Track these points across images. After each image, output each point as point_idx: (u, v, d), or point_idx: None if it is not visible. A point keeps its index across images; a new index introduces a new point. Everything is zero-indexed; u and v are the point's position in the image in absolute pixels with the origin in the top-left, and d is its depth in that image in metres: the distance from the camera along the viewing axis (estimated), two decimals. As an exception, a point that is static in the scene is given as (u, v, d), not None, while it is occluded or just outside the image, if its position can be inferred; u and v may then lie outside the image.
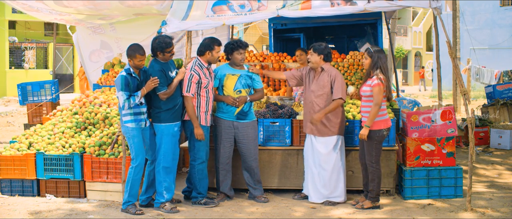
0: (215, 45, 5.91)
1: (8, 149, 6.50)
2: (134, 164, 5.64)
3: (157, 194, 5.81)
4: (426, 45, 41.79)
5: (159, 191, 5.77)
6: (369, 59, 5.73)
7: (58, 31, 17.76)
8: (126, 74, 5.54)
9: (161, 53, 5.72)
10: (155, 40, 5.76)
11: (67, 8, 9.07)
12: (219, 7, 6.66)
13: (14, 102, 20.31)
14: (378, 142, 5.71)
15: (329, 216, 5.63)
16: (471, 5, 26.68)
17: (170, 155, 5.73)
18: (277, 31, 10.98)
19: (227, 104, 5.99)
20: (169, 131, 5.72)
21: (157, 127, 5.75)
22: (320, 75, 5.97)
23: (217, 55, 5.96)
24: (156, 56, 5.77)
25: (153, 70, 5.68)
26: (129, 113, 5.59)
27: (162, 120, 5.71)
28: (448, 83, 20.31)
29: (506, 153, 9.28)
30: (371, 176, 5.76)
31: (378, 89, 5.57)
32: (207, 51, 5.90)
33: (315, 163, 6.02)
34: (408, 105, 7.86)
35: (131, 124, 5.59)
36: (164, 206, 5.73)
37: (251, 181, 6.19)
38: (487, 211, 5.66)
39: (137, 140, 5.61)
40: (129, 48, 5.64)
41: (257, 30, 32.30)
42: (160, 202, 5.78)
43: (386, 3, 6.23)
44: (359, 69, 8.62)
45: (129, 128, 5.59)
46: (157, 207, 5.80)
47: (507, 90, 12.47)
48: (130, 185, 5.65)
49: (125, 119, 5.60)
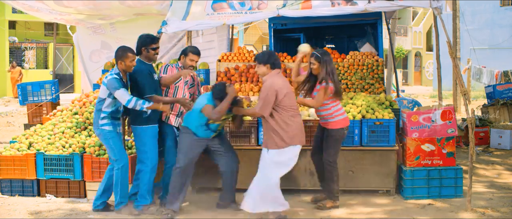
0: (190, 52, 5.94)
1: (8, 149, 6.50)
2: (120, 165, 5.55)
3: (140, 197, 5.71)
4: (426, 45, 41.76)
5: (143, 193, 5.67)
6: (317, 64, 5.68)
7: (58, 31, 17.74)
8: (117, 76, 5.44)
9: (146, 49, 5.64)
10: (141, 36, 5.71)
11: (67, 8, 9.07)
12: (219, 4, 6.66)
13: (14, 102, 20.32)
14: (337, 140, 5.72)
15: (329, 216, 5.63)
16: (471, 5, 26.66)
17: (154, 157, 5.69)
18: (277, 31, 10.97)
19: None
20: (150, 133, 5.65)
21: (137, 130, 5.65)
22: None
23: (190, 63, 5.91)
24: (140, 54, 5.67)
25: (141, 71, 5.59)
26: (107, 117, 5.51)
27: (141, 122, 5.62)
28: (448, 83, 20.27)
29: (506, 153, 9.28)
30: (329, 174, 5.76)
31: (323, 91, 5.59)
32: (181, 55, 5.97)
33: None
34: (408, 105, 7.85)
35: (108, 127, 5.52)
36: (149, 208, 5.71)
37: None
38: (487, 211, 5.66)
39: (116, 140, 5.54)
40: (119, 50, 5.54)
41: (257, 30, 32.30)
42: (142, 204, 5.68)
43: (386, 3, 6.23)
44: (359, 69, 8.61)
45: (106, 130, 5.51)
46: (140, 210, 5.67)
47: (507, 90, 12.47)
48: (120, 186, 5.59)
49: (102, 122, 5.51)
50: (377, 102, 6.77)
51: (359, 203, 6.07)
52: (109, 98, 5.50)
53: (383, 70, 8.72)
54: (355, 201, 6.11)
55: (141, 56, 5.70)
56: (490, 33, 26.61)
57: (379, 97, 6.94)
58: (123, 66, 5.51)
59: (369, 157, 6.33)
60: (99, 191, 5.76)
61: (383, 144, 6.30)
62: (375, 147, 6.31)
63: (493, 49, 25.97)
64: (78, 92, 23.85)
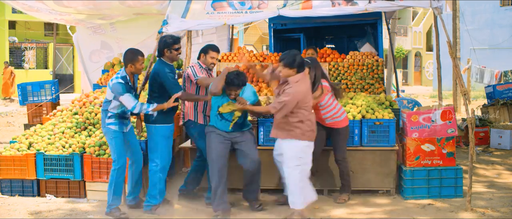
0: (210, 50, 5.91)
1: (8, 149, 6.50)
2: (117, 166, 5.53)
3: (149, 196, 5.70)
4: (426, 45, 41.76)
5: (153, 193, 5.67)
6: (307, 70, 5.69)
7: (58, 31, 17.76)
8: (122, 81, 5.42)
9: (169, 50, 5.61)
10: (162, 39, 5.68)
11: (67, 8, 9.07)
12: (219, 3, 6.65)
13: (14, 102, 20.32)
14: (346, 137, 6.04)
15: (329, 216, 5.63)
16: (471, 5, 26.67)
17: (166, 157, 5.68)
18: (277, 31, 10.97)
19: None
20: (163, 132, 5.64)
21: (150, 128, 5.66)
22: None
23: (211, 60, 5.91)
24: (162, 56, 5.65)
25: (164, 73, 5.53)
26: (114, 116, 5.50)
27: (156, 121, 5.62)
28: (448, 83, 20.27)
29: (506, 153, 9.28)
30: (346, 170, 6.07)
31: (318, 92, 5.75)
32: (201, 54, 5.95)
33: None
34: (408, 105, 7.85)
35: (114, 127, 5.51)
36: (157, 208, 5.68)
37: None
38: (487, 211, 5.66)
39: (119, 141, 5.53)
40: (128, 53, 5.48)
41: (257, 30, 32.32)
42: (152, 204, 5.68)
43: (387, 3, 6.23)
44: (359, 69, 8.60)
45: (111, 129, 5.50)
46: (148, 210, 5.69)
47: (507, 90, 12.48)
48: (114, 187, 5.55)
49: (109, 121, 5.50)
50: (377, 102, 6.78)
51: (359, 203, 6.07)
52: (115, 101, 5.48)
53: (383, 70, 8.72)
54: (355, 201, 6.11)
55: (164, 57, 5.65)
56: (490, 33, 26.61)
57: (379, 97, 6.94)
58: (133, 69, 5.48)
59: (369, 157, 6.34)
60: (128, 189, 5.84)
61: (383, 144, 6.30)
62: (375, 147, 6.31)
63: (493, 49, 25.97)
64: (78, 92, 23.86)
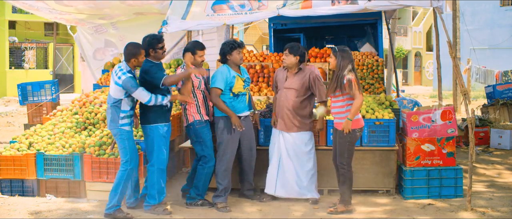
0: (197, 50, 5.89)
1: (8, 149, 6.50)
2: (129, 167, 5.49)
3: (148, 197, 5.68)
4: (426, 45, 41.75)
5: (152, 193, 5.65)
6: (333, 58, 5.55)
7: (58, 31, 17.73)
8: (131, 75, 5.41)
9: (153, 50, 5.59)
10: (145, 38, 5.64)
11: (67, 8, 9.07)
12: (219, 6, 6.66)
13: (14, 102, 20.32)
14: (350, 143, 5.55)
15: (329, 216, 5.63)
16: (471, 5, 26.66)
17: (163, 157, 5.66)
18: (277, 31, 10.99)
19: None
20: (158, 132, 5.62)
21: (146, 129, 5.64)
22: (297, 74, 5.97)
23: (200, 59, 5.91)
24: (148, 56, 5.63)
25: (151, 69, 5.54)
26: (127, 116, 5.47)
27: (150, 121, 5.60)
28: (448, 83, 20.26)
29: (506, 153, 9.28)
30: (342, 178, 5.62)
31: (349, 83, 5.39)
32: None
33: (293, 159, 6.00)
34: (408, 105, 7.85)
35: (127, 128, 5.49)
36: (156, 208, 5.67)
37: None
38: (487, 211, 5.66)
39: (132, 142, 5.53)
40: (132, 47, 5.45)
41: (257, 30, 32.31)
42: (151, 204, 5.66)
43: (387, 2, 6.22)
44: (359, 69, 8.61)
45: (125, 130, 5.47)
46: (148, 209, 5.67)
47: (507, 90, 12.47)
48: (121, 188, 5.48)
49: (122, 122, 5.45)
50: (377, 102, 6.77)
51: (359, 203, 6.07)
52: (126, 98, 5.44)
53: (383, 70, 8.73)
54: (355, 201, 6.10)
55: (150, 57, 5.64)
56: (490, 33, 26.59)
57: (379, 97, 6.94)
58: (136, 63, 5.48)
59: (369, 157, 6.33)
60: (129, 192, 5.79)
61: (383, 144, 6.30)
62: (375, 147, 6.31)
63: (493, 49, 25.96)
64: (78, 92, 23.88)
